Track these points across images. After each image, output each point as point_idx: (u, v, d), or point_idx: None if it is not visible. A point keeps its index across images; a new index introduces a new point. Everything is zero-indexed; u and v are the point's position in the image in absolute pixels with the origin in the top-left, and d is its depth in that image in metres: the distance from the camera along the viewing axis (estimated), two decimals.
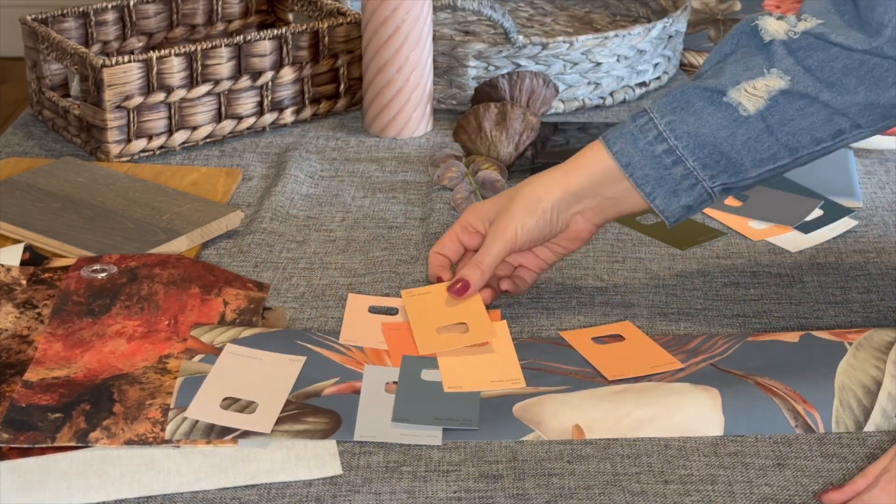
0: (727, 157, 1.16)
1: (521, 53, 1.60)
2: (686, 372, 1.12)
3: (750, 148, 1.15)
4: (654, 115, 1.17)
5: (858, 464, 1.02)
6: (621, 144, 1.17)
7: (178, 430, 1.04)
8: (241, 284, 1.25)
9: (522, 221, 1.19)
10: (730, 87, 1.15)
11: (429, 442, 1.04)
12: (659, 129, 1.16)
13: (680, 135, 1.16)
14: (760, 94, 1.14)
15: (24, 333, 1.17)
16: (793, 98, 1.14)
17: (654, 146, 1.16)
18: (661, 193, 1.17)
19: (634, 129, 1.17)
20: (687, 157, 1.16)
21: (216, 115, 1.56)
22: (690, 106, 1.16)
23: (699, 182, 1.17)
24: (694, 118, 1.15)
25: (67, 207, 1.37)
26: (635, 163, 1.17)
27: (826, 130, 1.15)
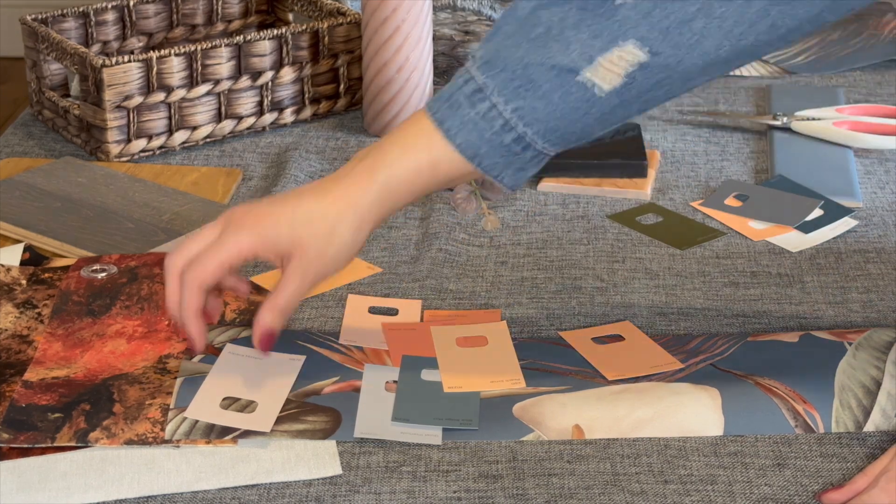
0: (578, 133, 1.07)
1: None
2: (686, 372, 1.12)
3: (603, 120, 1.06)
4: (497, 98, 1.04)
5: (858, 464, 1.02)
6: (465, 136, 1.05)
7: (178, 430, 1.04)
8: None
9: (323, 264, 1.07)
10: (583, 65, 1.03)
11: (429, 441, 1.04)
12: (505, 117, 1.04)
13: (530, 122, 1.04)
14: (618, 71, 1.04)
15: (24, 333, 1.17)
16: (652, 72, 1.04)
17: (502, 136, 1.05)
18: (510, 173, 1.07)
19: (478, 119, 1.05)
20: (537, 141, 1.06)
21: (216, 115, 1.56)
22: (538, 88, 1.04)
23: (546, 155, 1.08)
24: (543, 103, 1.04)
25: (67, 207, 1.37)
26: (483, 153, 1.06)
27: (681, 90, 1.06)
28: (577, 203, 1.44)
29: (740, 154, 1.55)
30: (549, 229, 1.38)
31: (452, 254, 1.33)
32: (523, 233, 1.38)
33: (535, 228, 1.39)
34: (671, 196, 1.45)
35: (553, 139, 1.06)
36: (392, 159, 1.07)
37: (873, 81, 1.76)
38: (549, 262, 1.32)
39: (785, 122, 1.58)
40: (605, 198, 1.45)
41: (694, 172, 1.51)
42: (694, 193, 1.46)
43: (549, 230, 1.38)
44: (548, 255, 1.33)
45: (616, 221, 1.40)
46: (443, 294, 1.26)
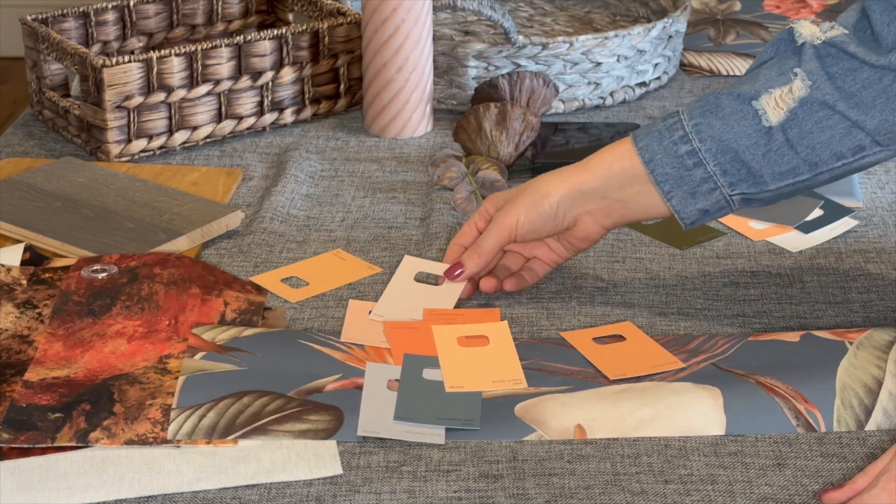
0: (747, 167, 1.15)
1: (521, 53, 1.60)
2: (687, 372, 1.12)
3: (770, 160, 1.15)
4: (684, 116, 1.17)
5: (858, 463, 1.02)
6: (647, 141, 1.18)
7: (181, 430, 1.04)
8: (240, 287, 1.25)
9: (526, 214, 1.20)
10: (761, 93, 1.15)
11: (432, 440, 1.04)
12: (685, 129, 1.16)
13: (704, 138, 1.16)
14: (783, 106, 1.13)
15: (24, 333, 1.17)
16: (811, 108, 1.13)
17: (678, 146, 1.16)
18: (679, 194, 1.17)
19: (662, 128, 1.18)
20: (708, 161, 1.16)
21: (216, 115, 1.56)
22: (720, 110, 1.16)
23: (718, 188, 1.16)
24: (721, 122, 1.15)
25: (67, 207, 1.37)
26: (657, 160, 1.17)
27: (845, 145, 1.14)
28: None
29: None
30: None
31: None
32: None
33: None
34: None
35: (723, 164, 1.15)
36: (602, 154, 1.20)
37: None
38: None
39: None
40: None
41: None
42: None
43: None
44: None
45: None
46: None
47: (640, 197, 1.19)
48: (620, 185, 1.19)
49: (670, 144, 1.17)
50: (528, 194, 1.21)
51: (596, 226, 1.21)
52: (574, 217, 1.21)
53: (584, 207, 1.20)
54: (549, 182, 1.21)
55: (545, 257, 1.25)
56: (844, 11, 1.18)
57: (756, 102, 1.15)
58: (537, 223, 1.20)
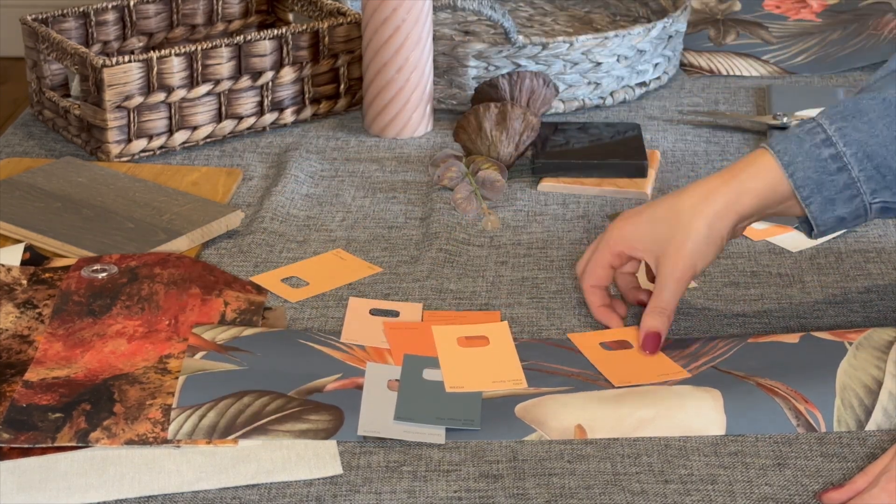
0: (894, 173, 1.12)
1: (521, 53, 1.60)
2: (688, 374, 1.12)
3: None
4: (823, 121, 1.13)
5: (858, 463, 1.02)
6: (785, 144, 1.13)
7: (181, 430, 1.04)
8: (240, 287, 1.25)
9: (702, 258, 1.14)
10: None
11: (433, 440, 1.04)
12: (828, 133, 1.12)
13: (850, 141, 1.12)
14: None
15: (24, 333, 1.17)
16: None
17: (820, 149, 1.12)
18: (818, 199, 1.13)
19: (801, 133, 1.13)
20: (853, 166, 1.12)
21: (216, 115, 1.56)
22: (863, 115, 1.12)
23: (860, 194, 1.13)
24: (867, 127, 1.11)
25: (67, 207, 1.37)
26: (797, 163, 1.12)
27: None
28: (577, 203, 1.44)
29: (740, 154, 1.55)
30: (550, 229, 1.38)
31: (453, 254, 1.33)
32: (523, 233, 1.38)
33: (535, 228, 1.39)
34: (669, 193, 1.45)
35: (868, 170, 1.11)
36: (742, 187, 1.14)
37: None
38: (549, 262, 1.32)
39: (785, 122, 1.58)
40: (605, 198, 1.45)
41: (694, 172, 1.51)
42: None
43: (549, 230, 1.38)
44: (548, 255, 1.33)
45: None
46: (443, 294, 1.26)
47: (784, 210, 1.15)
48: (773, 203, 1.15)
49: (812, 148, 1.12)
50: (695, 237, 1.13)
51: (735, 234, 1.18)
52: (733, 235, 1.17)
53: (743, 225, 1.17)
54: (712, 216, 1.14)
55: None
56: None
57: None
58: (712, 261, 1.16)
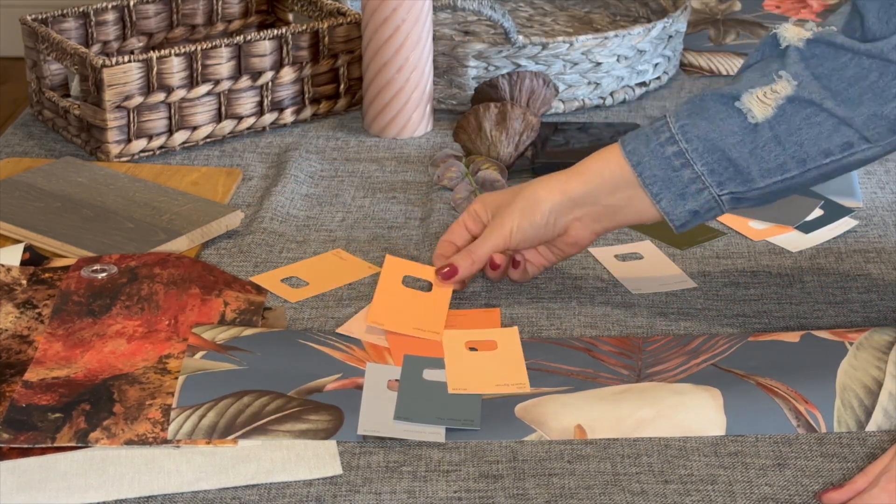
0: (735, 165, 1.16)
1: (521, 53, 1.60)
2: (688, 373, 1.12)
3: (758, 157, 1.15)
4: (671, 119, 1.18)
5: (858, 463, 1.02)
6: (635, 144, 1.19)
7: (181, 430, 1.04)
8: (240, 287, 1.25)
9: (519, 223, 1.21)
10: (743, 92, 1.15)
11: (433, 439, 1.04)
12: (672, 131, 1.17)
13: (691, 138, 1.16)
14: (769, 102, 1.14)
15: (24, 333, 1.17)
16: (799, 105, 1.14)
17: (664, 147, 1.17)
18: (668, 196, 1.18)
19: (650, 131, 1.18)
20: (696, 161, 1.16)
21: (216, 115, 1.56)
22: (705, 110, 1.17)
23: (707, 188, 1.17)
24: (706, 122, 1.16)
25: (67, 207, 1.37)
26: (645, 162, 1.17)
27: (833, 141, 1.14)
28: None
29: None
30: None
31: None
32: None
33: None
34: None
35: (711, 163, 1.16)
36: (592, 160, 1.21)
37: None
38: None
39: None
40: None
41: None
42: None
43: None
44: None
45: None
46: None
47: (632, 202, 1.19)
48: (611, 190, 1.19)
49: (657, 146, 1.17)
50: (520, 202, 1.22)
51: (586, 231, 1.22)
52: (565, 224, 1.22)
53: (575, 214, 1.21)
54: (540, 190, 1.21)
55: (535, 260, 1.26)
56: (832, 15, 1.19)
57: (738, 102, 1.15)
58: (529, 232, 1.21)
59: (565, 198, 1.20)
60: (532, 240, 1.22)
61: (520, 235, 1.21)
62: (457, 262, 1.22)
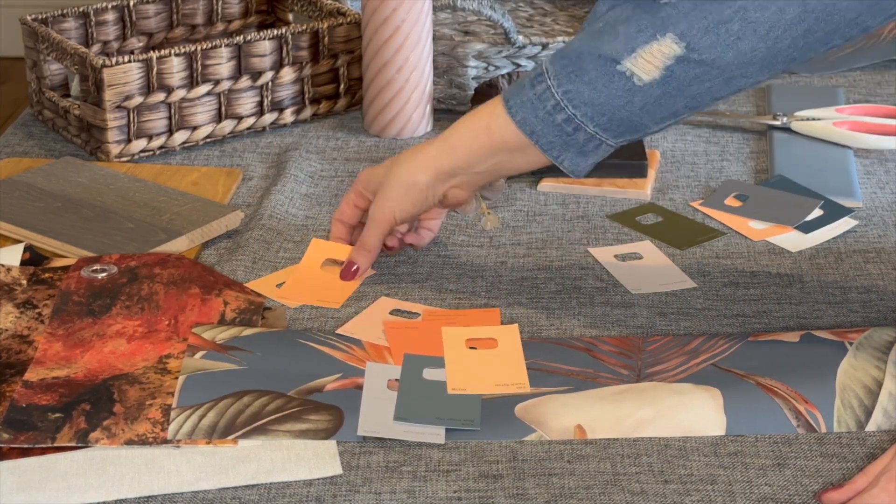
0: (627, 122, 1.15)
1: (521, 53, 1.60)
2: (688, 372, 1.12)
3: (649, 111, 1.15)
4: (552, 81, 1.16)
5: (858, 463, 1.02)
6: (524, 113, 1.18)
7: (181, 430, 1.04)
8: (240, 287, 1.25)
9: (399, 205, 1.25)
10: (624, 56, 1.12)
11: (432, 440, 1.04)
12: (556, 98, 1.16)
13: (577, 104, 1.15)
14: (656, 63, 1.12)
15: (24, 333, 1.17)
16: (689, 66, 1.12)
17: (553, 115, 1.16)
18: (569, 156, 1.18)
19: (534, 98, 1.17)
20: (587, 124, 1.16)
21: (216, 115, 1.56)
22: (585, 73, 1.14)
23: (603, 142, 1.17)
24: (588, 88, 1.14)
25: (67, 207, 1.37)
26: (539, 131, 1.17)
27: (724, 91, 1.14)
28: (577, 203, 1.44)
29: (740, 154, 1.55)
30: (549, 229, 1.38)
31: (452, 254, 1.33)
32: (523, 233, 1.38)
33: (535, 228, 1.39)
34: (671, 196, 1.45)
35: (602, 123, 1.15)
36: (459, 123, 1.23)
37: (873, 81, 1.76)
38: (549, 262, 1.32)
39: (785, 122, 1.58)
40: (605, 198, 1.45)
41: (694, 172, 1.51)
42: (694, 193, 1.46)
43: (549, 230, 1.38)
44: (548, 255, 1.34)
45: (616, 221, 1.40)
46: (443, 294, 1.26)
47: (510, 162, 1.21)
48: (483, 158, 1.21)
49: (546, 115, 1.17)
50: (396, 188, 1.25)
51: (466, 192, 1.26)
52: (443, 192, 1.25)
53: (451, 183, 1.24)
54: (414, 170, 1.24)
55: (425, 224, 1.32)
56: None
57: (620, 66, 1.13)
58: (411, 209, 1.25)
59: (438, 173, 1.23)
60: (415, 214, 1.27)
61: (403, 215, 1.26)
62: (354, 259, 1.27)
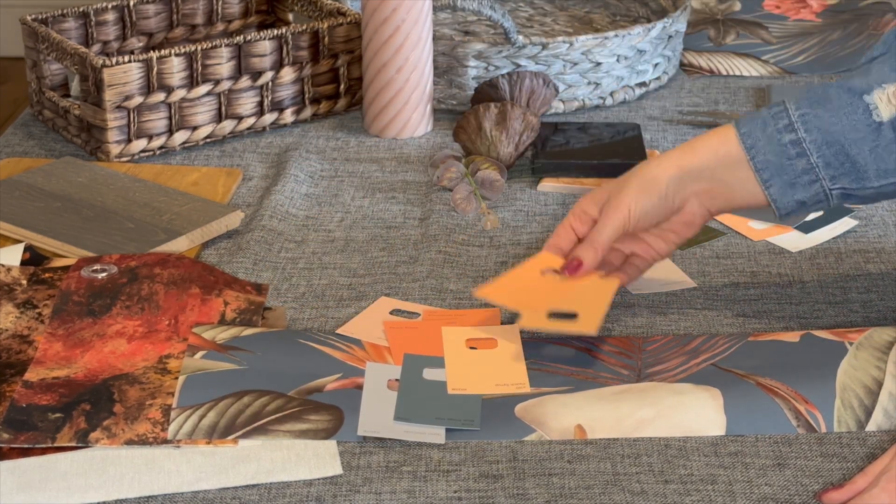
0: (852, 161, 1.13)
1: (521, 53, 1.60)
2: (688, 372, 1.12)
3: (877, 156, 1.13)
4: (790, 105, 1.15)
5: (858, 463, 1.02)
6: (750, 127, 1.16)
7: (181, 430, 1.04)
8: (240, 287, 1.25)
9: (636, 200, 1.17)
10: (873, 88, 1.13)
11: (432, 440, 1.04)
12: (791, 118, 1.15)
13: (810, 128, 1.14)
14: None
15: (24, 333, 1.17)
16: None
17: (781, 134, 1.15)
18: (778, 183, 1.15)
19: (767, 116, 1.16)
20: (812, 152, 1.14)
21: (216, 115, 1.56)
22: (828, 102, 1.14)
23: (819, 180, 1.15)
24: (828, 114, 1.14)
25: (67, 207, 1.37)
26: (759, 146, 1.15)
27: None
28: None
29: None
30: (549, 229, 1.38)
31: (452, 254, 1.33)
32: (523, 233, 1.38)
33: (535, 228, 1.39)
34: None
35: (827, 156, 1.13)
36: (707, 137, 1.18)
37: None
38: None
39: None
40: None
41: None
42: None
43: (549, 230, 1.38)
44: None
45: None
46: (443, 294, 1.26)
47: (745, 183, 1.17)
48: (726, 167, 1.16)
49: (774, 132, 1.15)
50: (635, 181, 1.18)
51: (702, 209, 1.19)
52: (683, 199, 1.18)
53: (692, 188, 1.17)
54: (656, 166, 1.18)
55: (645, 253, 1.22)
56: None
57: (868, 97, 1.13)
58: (649, 208, 1.17)
59: (682, 171, 1.17)
60: (651, 217, 1.18)
61: (639, 213, 1.17)
62: (580, 254, 1.18)
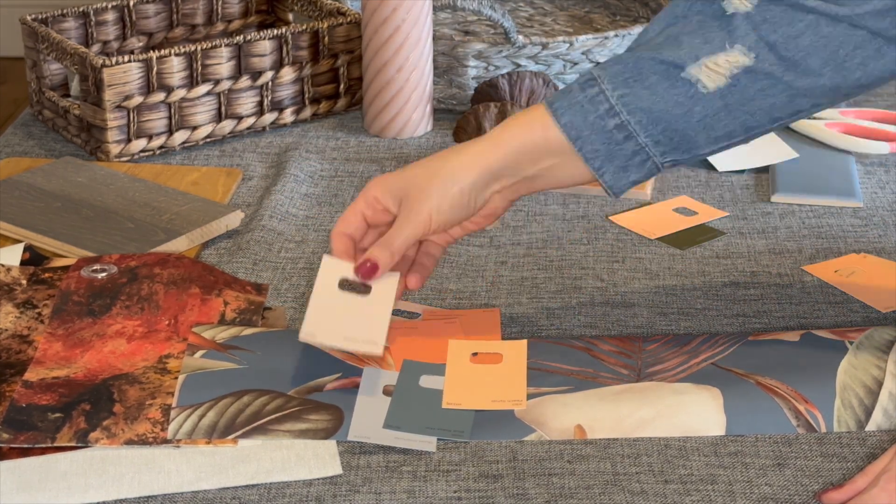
0: (681, 134, 1.11)
1: (521, 53, 1.60)
2: (688, 372, 1.12)
3: (706, 125, 1.10)
4: (606, 86, 1.10)
5: (858, 463, 1.02)
6: (570, 116, 1.11)
7: (181, 430, 1.04)
8: (240, 287, 1.25)
9: (438, 205, 1.12)
10: (689, 63, 1.09)
11: (423, 448, 1.04)
12: (611, 102, 1.10)
13: (633, 110, 1.10)
14: (722, 72, 1.09)
15: (24, 333, 1.17)
16: (756, 77, 1.09)
17: (605, 120, 1.11)
18: (611, 169, 1.12)
19: (584, 101, 1.11)
20: (639, 133, 1.11)
21: (216, 115, 1.56)
22: (644, 79, 1.10)
23: (650, 158, 1.12)
24: (648, 93, 1.10)
25: (67, 207, 1.37)
26: (585, 136, 1.11)
27: (785, 110, 1.10)
28: (577, 203, 1.44)
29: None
30: (549, 229, 1.38)
31: (452, 254, 1.33)
32: (523, 233, 1.38)
33: (535, 228, 1.39)
34: (671, 196, 1.45)
35: (655, 135, 1.10)
36: (512, 127, 1.13)
37: None
38: (549, 262, 1.32)
39: None
40: (605, 198, 1.45)
41: (693, 172, 1.51)
42: (694, 194, 1.46)
43: (549, 230, 1.38)
44: (548, 255, 1.34)
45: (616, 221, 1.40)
46: (443, 294, 1.26)
47: (556, 170, 1.13)
48: (533, 159, 1.12)
49: (597, 119, 1.11)
50: (438, 184, 1.12)
51: (504, 202, 1.15)
52: (485, 199, 1.14)
53: (495, 188, 1.13)
54: (457, 167, 1.12)
55: (439, 240, 1.17)
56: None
57: (685, 73, 1.09)
58: (450, 213, 1.12)
59: (485, 172, 1.12)
60: (452, 221, 1.13)
61: (440, 219, 1.12)
62: (374, 256, 1.12)
